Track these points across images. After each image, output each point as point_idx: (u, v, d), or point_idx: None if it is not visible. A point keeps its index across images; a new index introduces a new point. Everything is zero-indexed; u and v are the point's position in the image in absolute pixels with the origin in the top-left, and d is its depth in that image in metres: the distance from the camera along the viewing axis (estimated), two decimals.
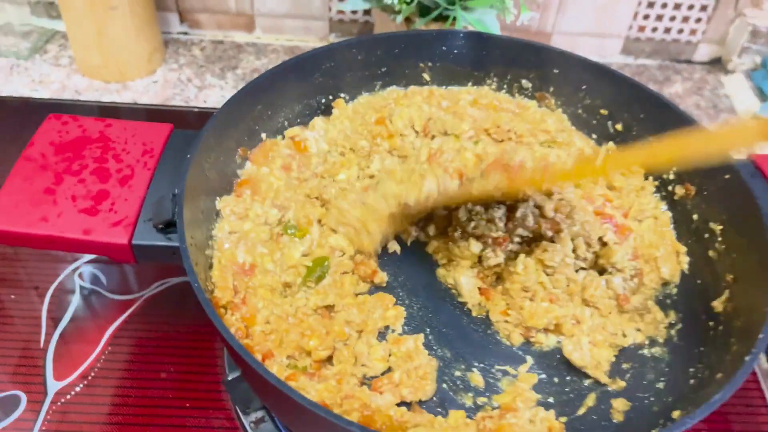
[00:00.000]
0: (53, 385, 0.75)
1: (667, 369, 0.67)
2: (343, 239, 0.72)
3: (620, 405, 0.64)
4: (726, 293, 0.66)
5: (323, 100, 0.86)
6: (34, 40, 1.27)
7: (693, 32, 1.30)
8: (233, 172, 0.76)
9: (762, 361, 0.83)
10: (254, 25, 1.33)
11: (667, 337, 0.69)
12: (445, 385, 0.66)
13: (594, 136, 0.86)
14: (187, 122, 1.12)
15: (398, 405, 0.62)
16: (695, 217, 0.74)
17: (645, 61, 1.34)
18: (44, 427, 0.72)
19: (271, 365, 0.62)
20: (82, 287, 0.86)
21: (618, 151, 0.59)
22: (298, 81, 0.81)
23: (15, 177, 0.66)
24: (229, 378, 0.64)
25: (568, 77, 0.85)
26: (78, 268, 0.88)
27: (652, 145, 0.56)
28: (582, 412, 0.64)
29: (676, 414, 0.59)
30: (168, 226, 0.63)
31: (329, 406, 0.58)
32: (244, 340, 0.63)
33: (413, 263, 0.76)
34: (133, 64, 1.19)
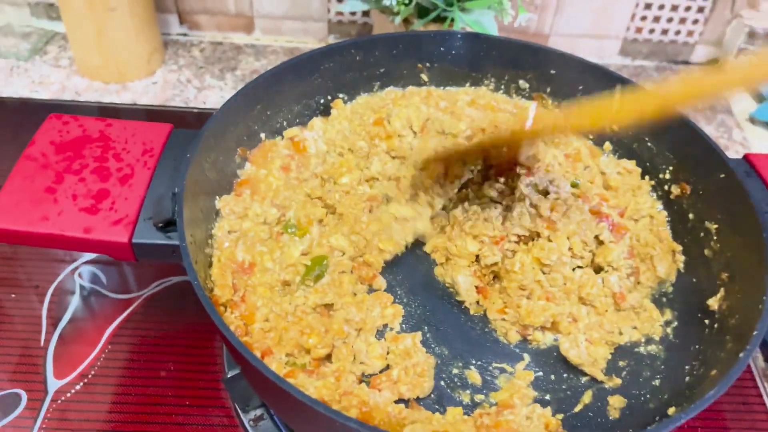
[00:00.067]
0: (53, 384, 0.76)
1: (662, 366, 0.67)
2: (344, 239, 0.72)
3: (616, 402, 0.65)
4: (721, 291, 0.67)
5: (322, 101, 0.86)
6: (34, 42, 1.28)
7: (690, 33, 1.31)
8: (233, 171, 0.76)
9: (758, 359, 0.84)
10: (253, 27, 1.33)
11: (663, 335, 0.70)
12: (442, 383, 0.66)
13: (590, 136, 0.86)
14: (187, 123, 1.12)
15: (396, 402, 0.62)
16: (691, 216, 0.75)
17: (642, 62, 1.35)
18: (44, 425, 0.72)
19: (270, 363, 0.62)
20: (81, 286, 0.87)
21: (632, 94, 0.57)
22: (297, 81, 0.82)
23: (16, 176, 0.66)
24: (229, 376, 0.65)
25: (565, 78, 0.86)
26: (78, 267, 0.89)
27: (667, 85, 0.54)
28: (578, 409, 0.65)
29: (671, 411, 0.59)
30: (168, 225, 0.63)
31: (328, 403, 0.58)
32: (243, 337, 0.64)
33: (411, 262, 0.76)
34: (133, 65, 1.19)
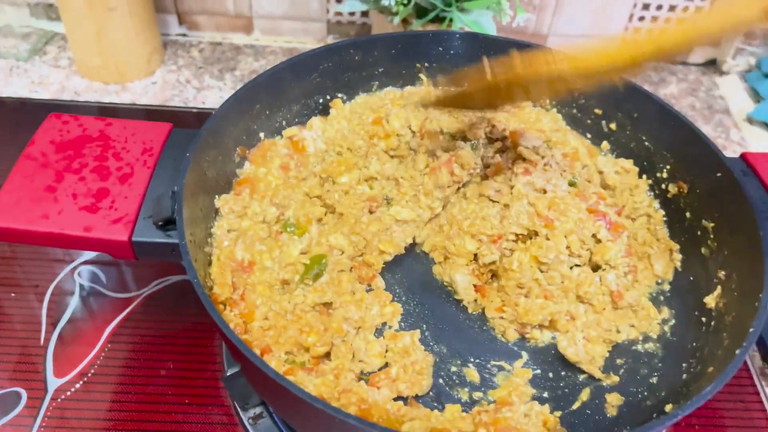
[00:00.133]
0: (53, 382, 0.76)
1: (660, 364, 0.68)
2: (343, 238, 0.73)
3: (614, 399, 0.65)
4: (718, 289, 0.67)
5: (321, 100, 0.86)
6: (34, 42, 1.28)
7: None
8: (232, 171, 0.77)
9: (756, 358, 0.84)
10: (252, 27, 1.33)
11: (661, 333, 0.70)
12: (441, 380, 0.66)
13: (588, 136, 0.87)
14: (186, 123, 1.12)
15: (395, 400, 0.62)
16: (688, 215, 0.75)
17: None
18: (44, 424, 0.72)
19: (269, 360, 0.62)
20: (81, 286, 0.87)
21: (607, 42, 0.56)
22: (296, 81, 0.82)
23: (16, 175, 0.67)
24: (228, 374, 0.65)
25: None
26: (77, 267, 0.89)
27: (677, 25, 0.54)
28: (576, 406, 0.65)
29: (668, 408, 0.60)
30: (167, 224, 0.63)
31: (327, 401, 0.58)
32: (242, 335, 0.64)
33: (410, 261, 0.77)
34: (132, 65, 1.20)
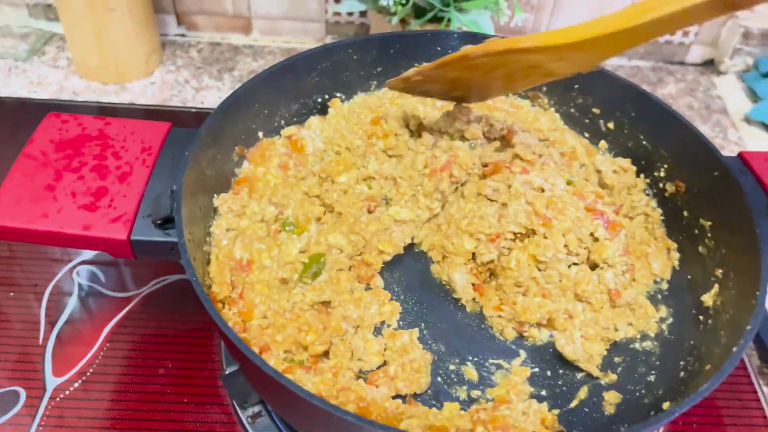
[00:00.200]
0: (52, 381, 0.76)
1: (657, 362, 0.68)
2: (342, 237, 0.73)
3: (612, 397, 0.65)
4: (715, 287, 0.68)
5: (319, 100, 0.87)
6: (32, 42, 1.28)
7: (686, 34, 1.32)
8: (231, 170, 0.77)
9: (753, 357, 0.84)
10: (251, 27, 1.34)
11: (658, 331, 0.71)
12: (439, 379, 0.66)
13: (586, 135, 0.87)
14: (185, 123, 1.12)
15: (393, 398, 0.62)
16: (685, 214, 0.75)
17: (638, 63, 1.36)
18: (43, 423, 0.72)
19: (268, 359, 0.63)
20: (80, 285, 0.87)
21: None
22: (295, 81, 0.82)
23: (15, 173, 0.67)
24: (227, 373, 0.65)
25: None
26: (76, 266, 0.89)
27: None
28: (574, 404, 0.65)
29: (666, 405, 0.60)
30: (166, 222, 0.63)
31: (325, 399, 0.58)
32: (241, 334, 0.64)
33: (408, 260, 0.77)
34: (131, 65, 1.20)
